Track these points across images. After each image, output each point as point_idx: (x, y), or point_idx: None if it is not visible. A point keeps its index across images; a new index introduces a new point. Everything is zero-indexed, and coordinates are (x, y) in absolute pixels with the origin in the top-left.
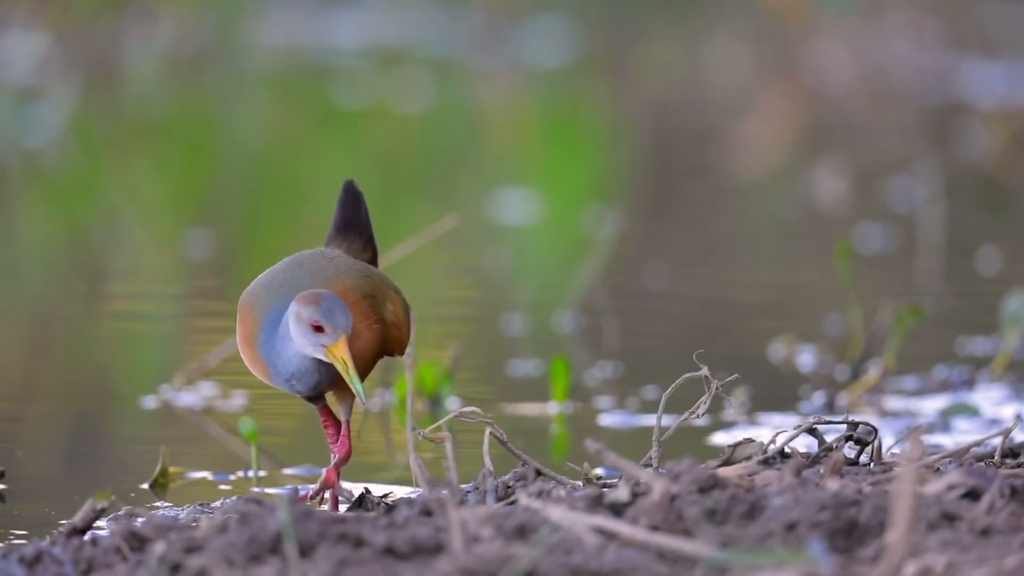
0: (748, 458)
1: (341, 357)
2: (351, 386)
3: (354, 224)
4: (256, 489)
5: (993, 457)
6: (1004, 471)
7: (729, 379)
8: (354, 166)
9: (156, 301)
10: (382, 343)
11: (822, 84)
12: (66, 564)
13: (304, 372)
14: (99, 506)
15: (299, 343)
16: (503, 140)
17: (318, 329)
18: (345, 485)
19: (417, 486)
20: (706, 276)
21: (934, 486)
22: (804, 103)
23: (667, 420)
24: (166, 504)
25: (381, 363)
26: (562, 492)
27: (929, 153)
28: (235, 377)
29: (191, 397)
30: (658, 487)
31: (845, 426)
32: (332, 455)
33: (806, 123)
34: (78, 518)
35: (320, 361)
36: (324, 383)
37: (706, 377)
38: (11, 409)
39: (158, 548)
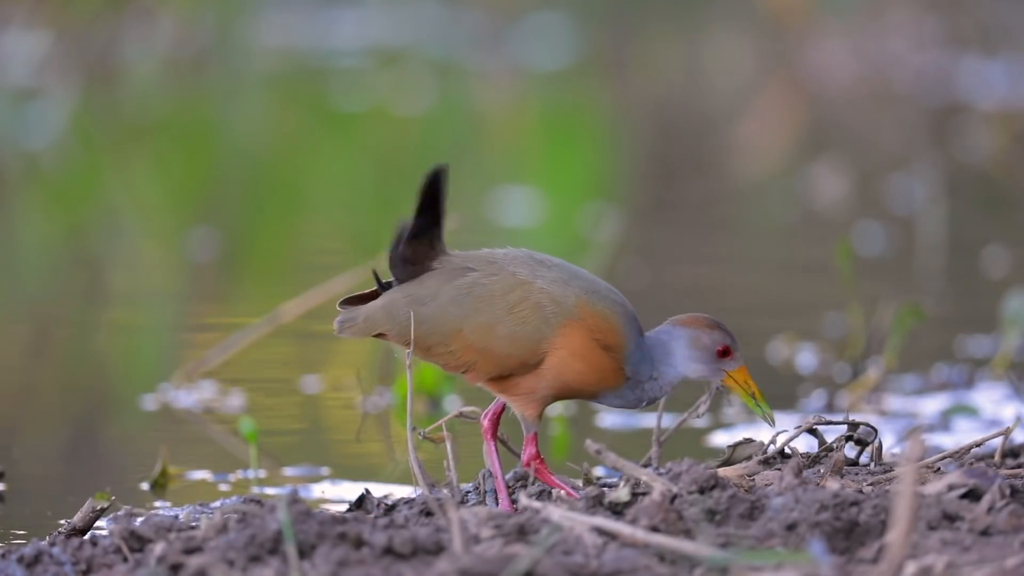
0: (748, 458)
1: (745, 381)
2: (757, 411)
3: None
4: (256, 489)
5: (993, 457)
6: (1004, 471)
7: None
8: (354, 167)
9: (155, 301)
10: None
11: (822, 84)
12: (66, 564)
13: (667, 393)
14: (99, 506)
15: (690, 367)
16: (503, 140)
17: (724, 354)
18: (345, 485)
19: (417, 486)
20: (705, 275)
21: (934, 486)
22: (804, 103)
23: (667, 420)
24: (166, 504)
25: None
26: (562, 492)
27: (929, 153)
28: (234, 377)
29: (190, 397)
30: (658, 487)
31: (845, 426)
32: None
33: (806, 123)
34: (78, 518)
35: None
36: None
37: None
38: (11, 409)
39: (158, 548)
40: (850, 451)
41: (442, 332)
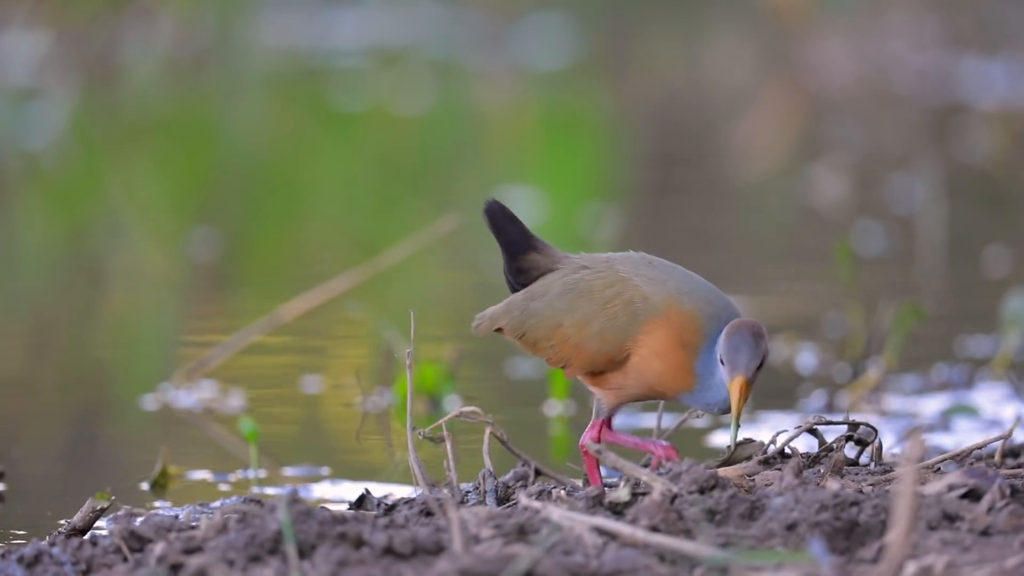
0: (748, 458)
1: (735, 399)
2: (732, 429)
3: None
4: (256, 489)
5: (993, 457)
6: (1004, 471)
7: None
8: (354, 167)
9: (155, 301)
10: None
11: (822, 84)
12: (66, 564)
13: (725, 400)
14: (99, 506)
15: (722, 370)
16: (503, 140)
17: (722, 363)
18: (345, 485)
19: (417, 486)
20: (705, 275)
21: (934, 486)
22: (804, 103)
23: (667, 420)
24: (166, 504)
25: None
26: (562, 492)
27: (929, 153)
28: (234, 377)
29: (191, 397)
30: (658, 487)
31: (845, 426)
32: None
33: (806, 123)
34: (78, 518)
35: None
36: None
37: None
38: (11, 409)
39: (158, 548)
40: (850, 451)
41: (546, 326)
